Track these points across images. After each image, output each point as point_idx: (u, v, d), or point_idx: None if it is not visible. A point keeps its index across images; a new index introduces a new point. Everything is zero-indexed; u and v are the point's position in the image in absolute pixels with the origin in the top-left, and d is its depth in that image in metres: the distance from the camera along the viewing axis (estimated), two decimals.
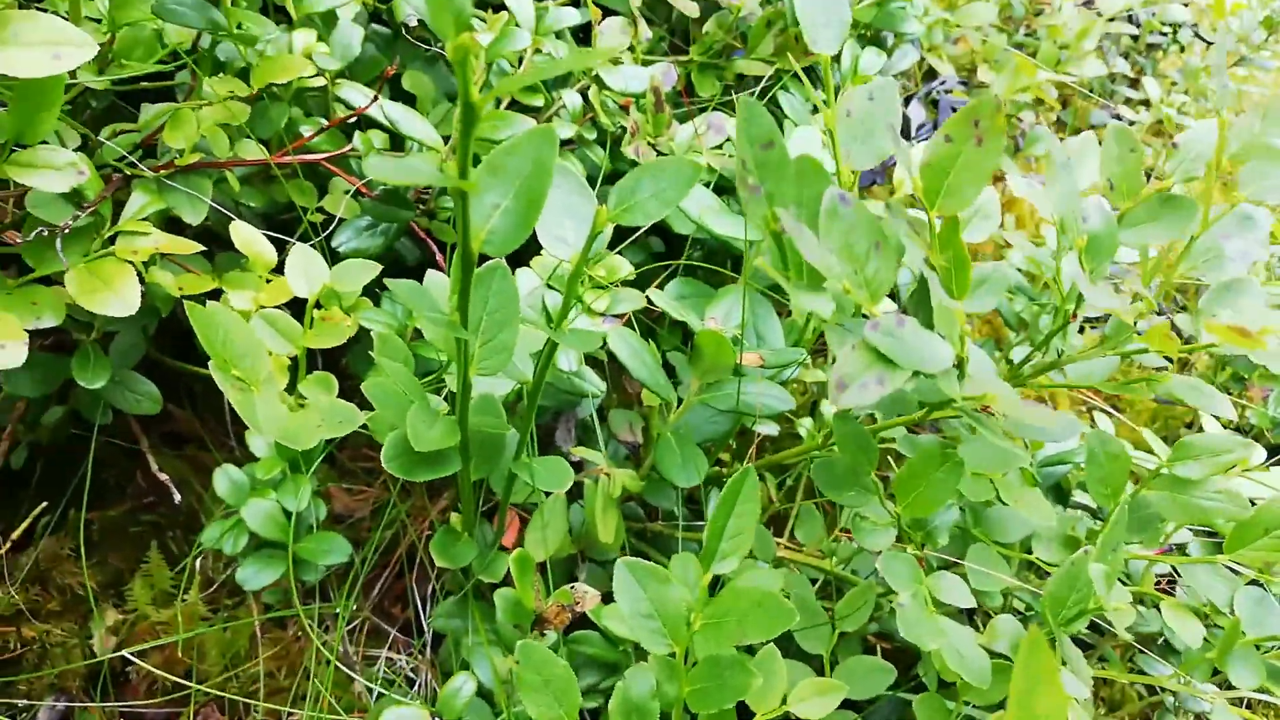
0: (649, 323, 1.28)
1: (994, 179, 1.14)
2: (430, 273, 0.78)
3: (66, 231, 0.85)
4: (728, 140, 1.19)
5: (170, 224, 1.02)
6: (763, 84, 1.38)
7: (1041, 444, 1.08)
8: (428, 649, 1.12)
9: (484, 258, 0.68)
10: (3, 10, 0.77)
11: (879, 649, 1.10)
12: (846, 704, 0.96)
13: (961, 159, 0.67)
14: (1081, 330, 1.08)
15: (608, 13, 1.35)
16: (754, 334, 1.01)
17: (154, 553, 1.20)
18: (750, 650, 0.79)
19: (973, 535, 0.90)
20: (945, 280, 0.68)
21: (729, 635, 0.69)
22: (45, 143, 0.85)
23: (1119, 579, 0.85)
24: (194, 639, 1.15)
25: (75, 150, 0.88)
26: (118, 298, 0.87)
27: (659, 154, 1.26)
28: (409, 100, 1.20)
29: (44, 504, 1.13)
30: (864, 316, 0.73)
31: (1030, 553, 0.94)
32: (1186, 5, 2.25)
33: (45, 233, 0.83)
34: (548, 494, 1.01)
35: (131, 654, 1.13)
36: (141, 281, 0.90)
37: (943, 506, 0.78)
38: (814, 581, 1.06)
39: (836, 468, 0.85)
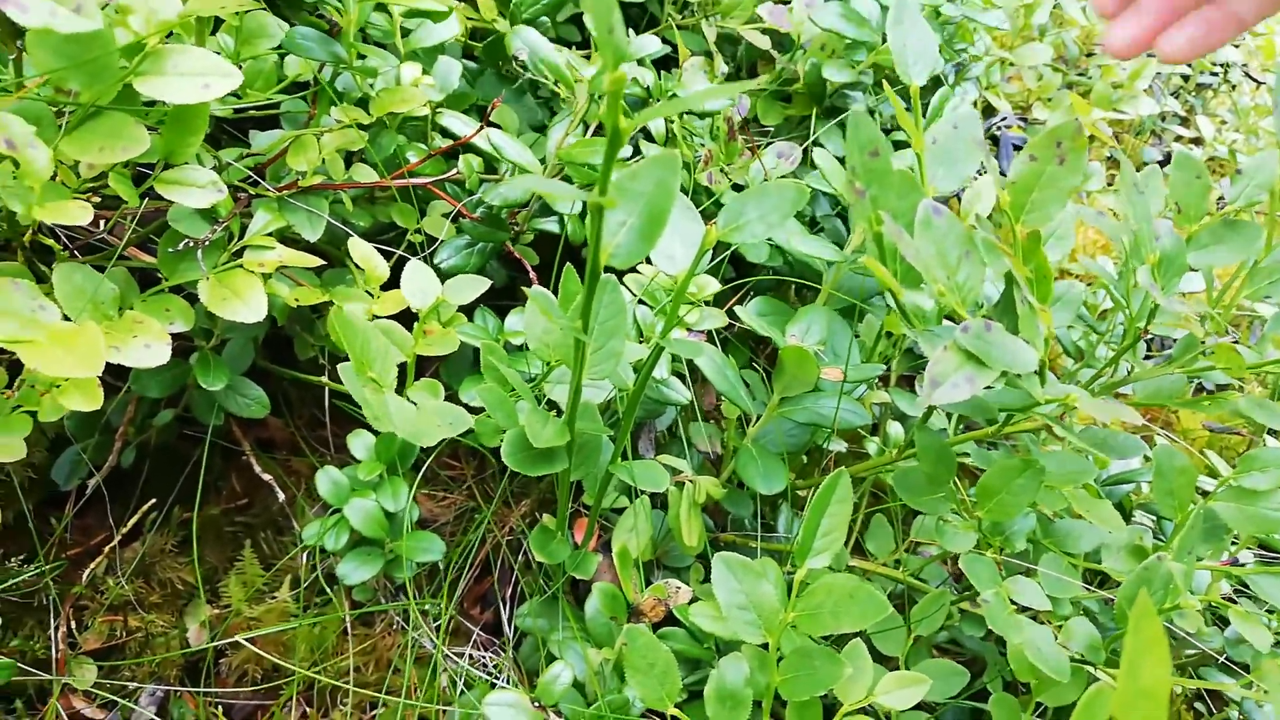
0: (718, 342, 1.34)
1: None
2: (536, 287, 0.84)
3: (206, 244, 0.92)
4: (805, 168, 1.25)
5: (284, 241, 1.10)
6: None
7: (1107, 462, 1.12)
8: (510, 648, 1.17)
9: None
10: (161, 46, 0.85)
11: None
12: (921, 706, 1.01)
13: (1045, 176, 0.73)
14: (1148, 356, 1.12)
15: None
16: (831, 351, 1.06)
17: (247, 551, 1.26)
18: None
19: (1044, 545, 0.94)
20: (1029, 290, 0.73)
21: (823, 625, 0.74)
22: (187, 163, 0.93)
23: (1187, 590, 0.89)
24: (284, 634, 1.21)
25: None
26: (246, 306, 0.94)
27: (731, 183, 1.33)
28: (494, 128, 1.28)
29: (152, 501, 1.21)
30: (953, 321, 0.79)
31: (1097, 564, 0.98)
32: (1237, 47, 2.29)
33: (190, 244, 0.91)
34: (634, 499, 1.06)
35: (225, 645, 1.19)
36: None
37: (1021, 512, 0.82)
38: (884, 591, 1.10)
39: (916, 477, 0.90)
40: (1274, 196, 0.85)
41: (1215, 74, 2.29)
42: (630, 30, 1.27)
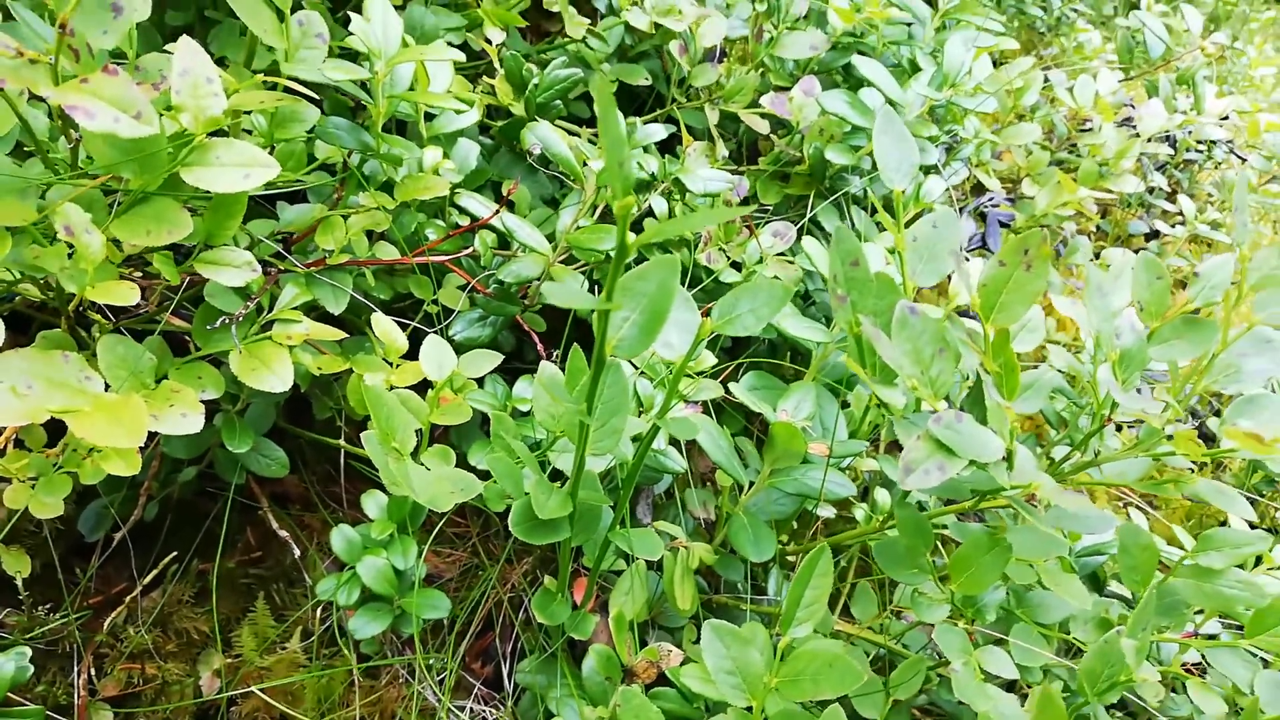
0: (710, 411, 1.40)
1: None
2: (544, 366, 0.91)
3: (240, 319, 0.99)
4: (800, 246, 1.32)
5: (307, 312, 1.17)
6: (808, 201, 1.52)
7: (1079, 536, 1.18)
8: (510, 702, 1.22)
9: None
10: (206, 140, 0.93)
11: None
12: None
13: (1013, 281, 0.80)
14: (1120, 429, 1.18)
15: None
16: (819, 425, 1.13)
17: (260, 603, 1.32)
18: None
19: (1016, 616, 1.00)
20: (997, 384, 0.80)
21: (804, 690, 0.80)
22: (225, 245, 1.00)
23: (1151, 660, 0.94)
24: (293, 684, 1.26)
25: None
26: (274, 375, 1.01)
27: (729, 260, 1.40)
28: (509, 205, 1.36)
29: (173, 553, 1.27)
30: (928, 412, 0.85)
31: (1068, 634, 1.03)
32: (1221, 125, 2.38)
33: (226, 320, 0.98)
34: (629, 563, 1.12)
35: (237, 694, 1.24)
36: None
37: (991, 586, 0.88)
38: (868, 655, 1.15)
39: (896, 549, 0.96)
40: (1228, 298, 0.92)
41: (1200, 150, 2.39)
42: (635, 116, 1.36)
